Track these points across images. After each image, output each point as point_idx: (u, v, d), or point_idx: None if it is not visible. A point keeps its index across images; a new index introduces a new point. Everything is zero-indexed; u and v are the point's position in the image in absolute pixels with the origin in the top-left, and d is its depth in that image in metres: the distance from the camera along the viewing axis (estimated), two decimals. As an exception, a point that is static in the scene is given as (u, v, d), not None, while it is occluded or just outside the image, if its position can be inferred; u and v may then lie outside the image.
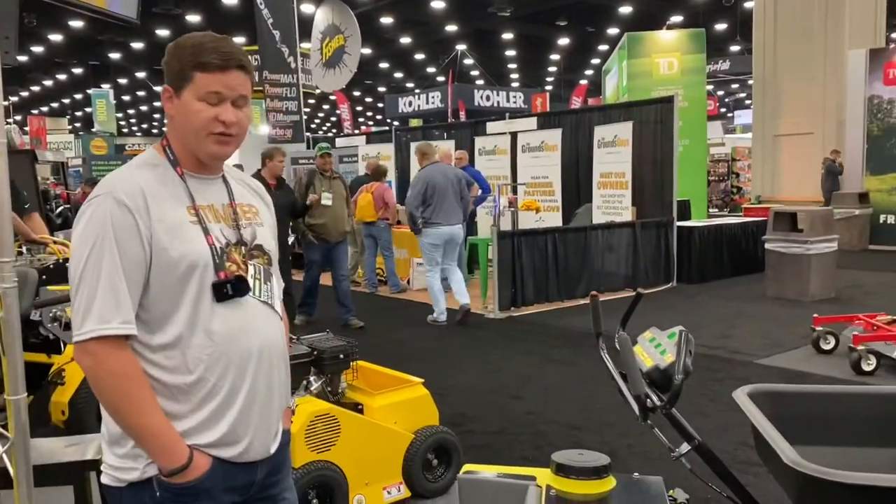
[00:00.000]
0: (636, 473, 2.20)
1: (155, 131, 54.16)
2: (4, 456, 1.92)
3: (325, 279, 7.75)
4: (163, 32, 22.92)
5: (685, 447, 1.78)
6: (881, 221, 13.39)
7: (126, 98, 38.78)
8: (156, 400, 1.54)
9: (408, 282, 10.06)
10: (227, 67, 1.57)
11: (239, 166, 9.03)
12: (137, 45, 25.59)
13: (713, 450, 1.81)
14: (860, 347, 5.40)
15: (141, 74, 31.67)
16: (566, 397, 5.13)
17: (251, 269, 1.64)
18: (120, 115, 41.41)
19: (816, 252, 8.32)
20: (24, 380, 1.91)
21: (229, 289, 1.57)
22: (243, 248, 1.64)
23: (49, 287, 4.50)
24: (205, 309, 1.55)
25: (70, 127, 41.31)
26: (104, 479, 1.61)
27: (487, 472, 2.19)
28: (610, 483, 2.04)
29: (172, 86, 1.60)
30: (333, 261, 7.51)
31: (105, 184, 1.57)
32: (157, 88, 33.96)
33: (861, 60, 13.60)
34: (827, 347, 5.99)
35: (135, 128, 53.54)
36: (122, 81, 33.21)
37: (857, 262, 11.39)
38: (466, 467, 2.25)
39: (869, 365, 5.34)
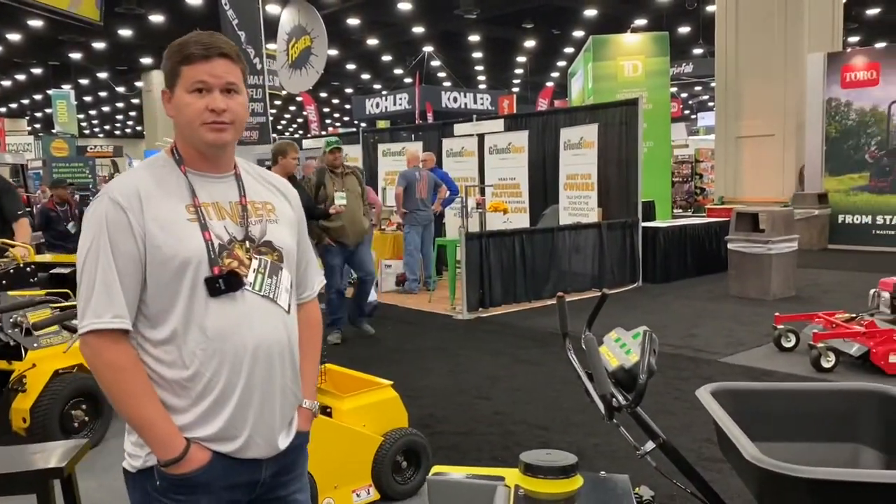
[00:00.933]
0: (603, 472, 2.23)
1: (117, 132, 53.27)
2: (-35, 465, 1.86)
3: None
4: (125, 32, 22.58)
5: (650, 445, 1.81)
6: (840, 221, 13.69)
7: (88, 99, 38.09)
8: (153, 392, 1.57)
9: (376, 284, 10.03)
10: (210, 56, 1.59)
11: None
12: (99, 45, 25.16)
13: (678, 448, 1.84)
14: (820, 345, 5.52)
15: (103, 75, 31.15)
16: (534, 398, 5.17)
17: (255, 262, 1.65)
18: (81, 116, 40.65)
19: (777, 252, 8.49)
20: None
21: (221, 284, 1.58)
22: (248, 243, 1.65)
23: (9, 293, 4.41)
24: (199, 305, 1.57)
25: (29, 128, 40.47)
26: (123, 463, 1.67)
27: (456, 472, 2.20)
28: (577, 482, 2.06)
29: (168, 86, 1.64)
30: (356, 262, 6.95)
31: (107, 185, 1.64)
32: (120, 89, 33.54)
33: (819, 64, 13.90)
34: (788, 345, 6.12)
35: (97, 129, 52.59)
36: (84, 82, 32.62)
37: (816, 261, 11.64)
38: (435, 468, 2.26)
39: (828, 362, 5.47)
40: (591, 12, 21.56)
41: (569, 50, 26.76)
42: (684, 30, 23.95)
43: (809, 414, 2.04)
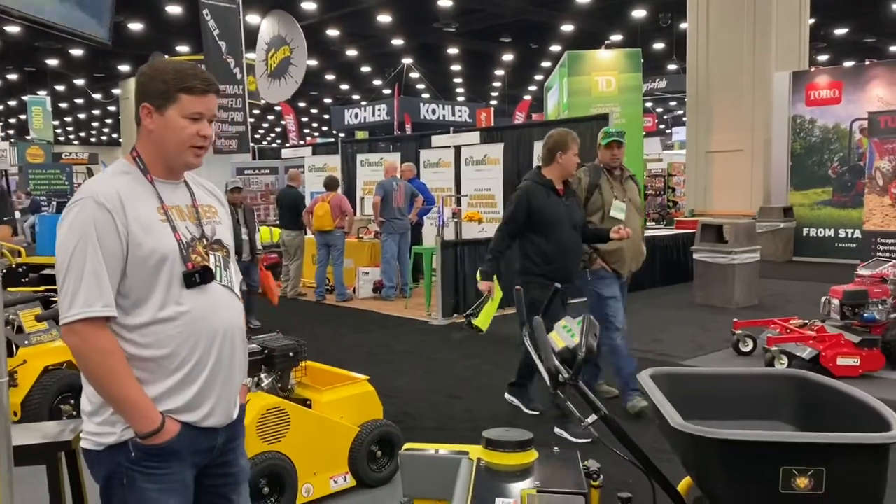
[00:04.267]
0: (556, 448, 2.49)
1: (93, 139, 52.94)
2: (-15, 436, 2.06)
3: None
4: (104, 40, 22.61)
5: (592, 417, 2.07)
6: (804, 234, 14.15)
7: (63, 105, 37.92)
8: (132, 372, 1.79)
9: (353, 290, 10.26)
10: (208, 92, 1.87)
11: None
12: (76, 52, 25.15)
13: (617, 420, 2.10)
14: (773, 348, 5.85)
15: (79, 82, 31.07)
16: (503, 395, 5.42)
17: (212, 258, 1.91)
18: (56, 122, 40.41)
19: (740, 262, 8.85)
20: (6, 365, 2.06)
21: (197, 277, 1.84)
22: (205, 241, 1.92)
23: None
24: (175, 294, 1.82)
25: (3, 134, 40.17)
26: (84, 445, 1.85)
27: (426, 448, 2.46)
28: (532, 455, 2.33)
29: (154, 104, 1.86)
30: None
31: (86, 189, 1.83)
32: (97, 96, 33.36)
33: (785, 82, 14.41)
34: (746, 349, 6.44)
35: (71, 136, 52.24)
36: (60, 88, 32.50)
37: (781, 272, 12.05)
38: (406, 446, 2.51)
39: (781, 364, 5.78)
40: (567, 27, 22.01)
41: (546, 64, 27.21)
42: (658, 46, 24.50)
43: (737, 395, 2.31)
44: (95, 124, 46.63)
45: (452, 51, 25.63)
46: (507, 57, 26.61)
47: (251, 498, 3.29)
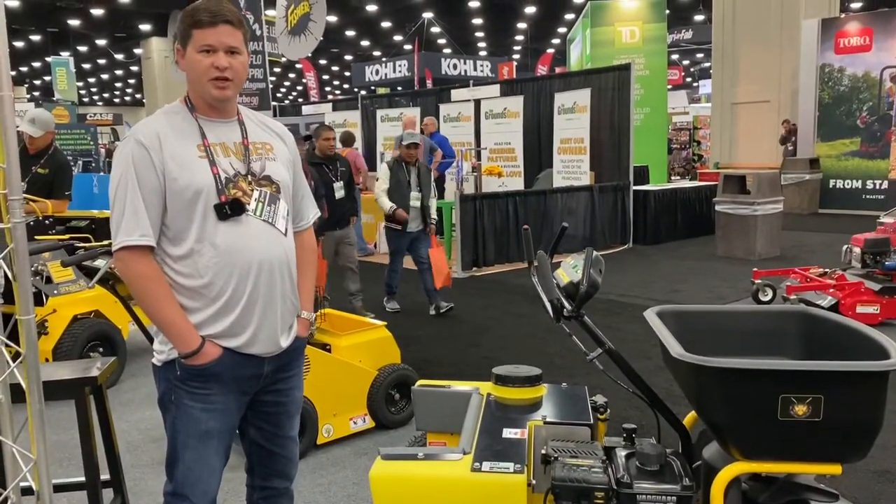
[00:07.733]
0: (564, 384, 2.56)
1: (116, 100, 53.13)
2: (17, 370, 2.17)
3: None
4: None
5: (597, 351, 2.12)
6: (830, 186, 13.94)
7: (86, 66, 38.06)
8: (173, 297, 1.92)
9: (374, 245, 10.34)
10: (216, 23, 1.91)
11: None
12: (97, 12, 25.15)
13: (622, 356, 2.15)
14: (793, 297, 5.84)
15: (101, 42, 31.12)
16: (520, 344, 5.51)
17: (256, 193, 1.99)
18: (80, 83, 40.64)
19: (763, 213, 8.77)
20: (33, 302, 2.15)
21: (227, 209, 1.93)
22: (250, 177, 1.99)
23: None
24: (210, 227, 1.92)
25: (28, 96, 40.48)
26: (153, 360, 2.03)
27: (438, 384, 2.54)
28: (541, 390, 2.40)
29: (181, 45, 1.96)
30: None
31: (131, 130, 1.98)
32: (119, 56, 33.38)
33: (813, 30, 14.04)
34: (765, 299, 6.43)
35: (96, 97, 52.49)
36: (82, 49, 32.60)
37: (805, 224, 11.92)
38: (420, 382, 2.59)
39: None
40: (590, -22, 21.50)
41: (569, 16, 26.70)
42: (684, -4, 23.91)
43: (743, 332, 2.34)
44: (119, 85, 46.74)
45: (474, 3, 25.21)
46: (530, 9, 26.13)
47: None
